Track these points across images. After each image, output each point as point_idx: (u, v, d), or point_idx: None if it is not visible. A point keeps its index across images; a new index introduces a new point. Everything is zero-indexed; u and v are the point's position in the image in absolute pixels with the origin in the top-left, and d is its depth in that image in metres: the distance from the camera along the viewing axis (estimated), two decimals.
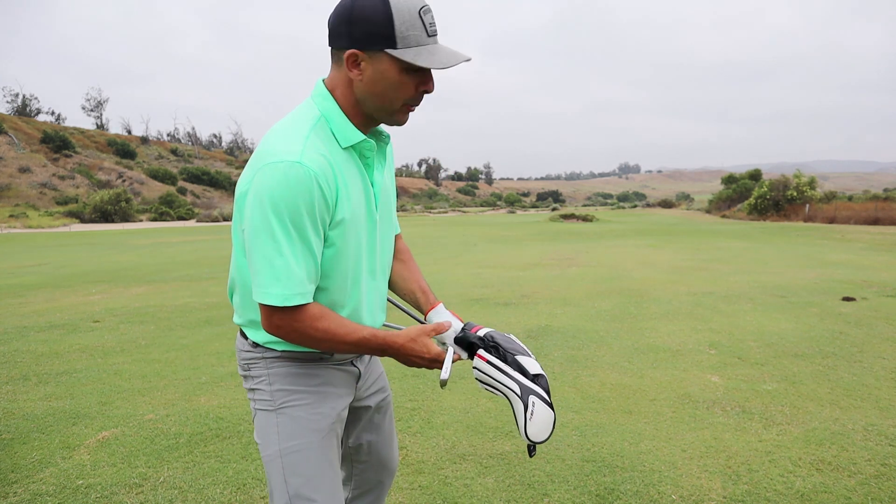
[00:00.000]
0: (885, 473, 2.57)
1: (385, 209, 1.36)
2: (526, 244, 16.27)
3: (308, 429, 1.28)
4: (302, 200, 1.10)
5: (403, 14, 1.09)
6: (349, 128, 1.22)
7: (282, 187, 1.09)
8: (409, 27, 1.10)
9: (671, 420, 3.22)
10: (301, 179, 1.10)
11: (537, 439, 1.24)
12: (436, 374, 4.06)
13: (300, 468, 1.26)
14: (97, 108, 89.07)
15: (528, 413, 1.22)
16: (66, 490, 2.49)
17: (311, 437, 1.28)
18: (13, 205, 41.61)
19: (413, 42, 1.11)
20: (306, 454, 1.27)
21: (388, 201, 1.38)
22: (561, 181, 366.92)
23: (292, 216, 1.10)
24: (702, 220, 33.83)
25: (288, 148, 1.12)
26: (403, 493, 2.46)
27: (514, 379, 1.25)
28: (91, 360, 4.53)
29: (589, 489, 2.47)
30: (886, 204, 29.96)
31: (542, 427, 1.23)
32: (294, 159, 1.10)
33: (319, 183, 1.12)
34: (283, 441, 1.28)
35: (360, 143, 1.23)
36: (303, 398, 1.30)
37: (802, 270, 9.38)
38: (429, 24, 1.12)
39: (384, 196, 1.35)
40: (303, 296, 1.14)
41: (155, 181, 58.37)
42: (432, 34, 1.14)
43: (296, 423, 1.28)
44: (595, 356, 4.49)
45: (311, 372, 1.33)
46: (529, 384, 1.25)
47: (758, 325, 5.48)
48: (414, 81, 1.17)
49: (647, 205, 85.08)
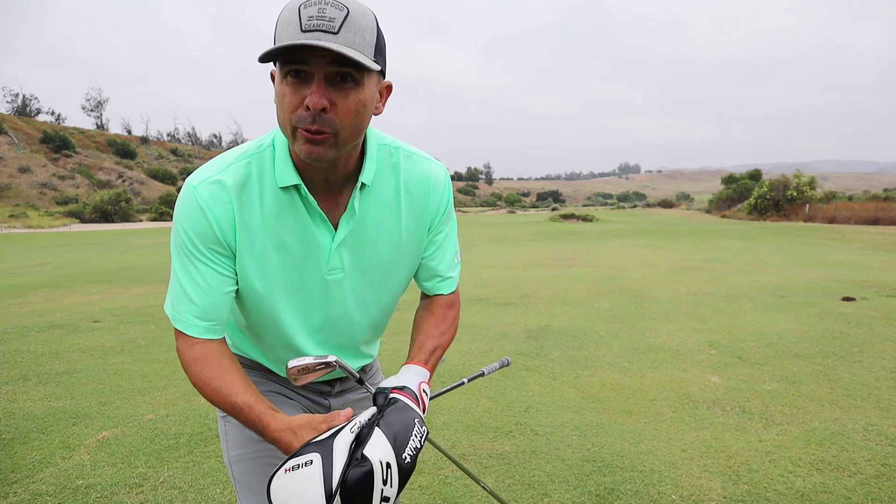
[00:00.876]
0: (885, 473, 2.57)
1: (365, 263, 1.17)
2: (526, 244, 16.28)
3: (251, 438, 1.22)
4: (189, 228, 1.03)
5: (285, 13, 0.92)
6: (286, 166, 1.05)
7: (177, 211, 1.06)
8: (285, 25, 0.91)
9: (671, 420, 3.22)
10: (188, 206, 1.03)
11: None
12: (435, 370, 4.05)
13: (246, 478, 1.23)
14: (97, 108, 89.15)
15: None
16: (66, 490, 2.49)
17: (255, 447, 1.22)
18: (13, 205, 41.62)
19: (283, 40, 0.89)
20: (252, 464, 1.22)
21: (375, 254, 1.17)
22: (561, 181, 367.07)
23: (182, 242, 1.05)
24: (702, 220, 33.84)
25: (203, 170, 1.06)
26: (403, 493, 2.46)
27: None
28: (91, 360, 4.53)
29: (589, 489, 2.47)
30: (886, 204, 29.97)
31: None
32: (193, 184, 1.04)
33: (205, 213, 1.02)
34: (231, 449, 1.25)
35: (297, 185, 1.06)
36: None
37: (802, 270, 9.38)
38: (306, 17, 0.89)
39: (365, 250, 1.15)
40: (185, 324, 1.07)
41: (155, 181, 58.39)
42: (309, 29, 0.88)
43: (238, 431, 1.24)
44: (595, 356, 4.49)
45: (257, 379, 1.28)
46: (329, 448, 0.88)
47: (758, 325, 5.47)
48: (295, 93, 0.93)
49: (647, 205, 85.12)
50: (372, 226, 1.15)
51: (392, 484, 0.88)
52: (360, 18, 0.91)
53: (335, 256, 1.12)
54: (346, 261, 1.14)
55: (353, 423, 0.91)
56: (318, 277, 1.13)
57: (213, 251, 1.05)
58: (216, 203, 1.03)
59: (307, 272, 1.12)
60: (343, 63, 0.91)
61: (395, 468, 0.89)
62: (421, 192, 1.18)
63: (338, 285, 1.16)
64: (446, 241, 1.27)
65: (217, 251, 1.05)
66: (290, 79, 0.93)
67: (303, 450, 0.87)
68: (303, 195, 1.06)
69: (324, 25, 0.88)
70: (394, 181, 1.15)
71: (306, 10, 0.89)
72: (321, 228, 1.10)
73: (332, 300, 1.17)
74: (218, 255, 1.05)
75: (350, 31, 0.90)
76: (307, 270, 1.12)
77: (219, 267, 1.06)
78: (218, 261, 1.06)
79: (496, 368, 1.50)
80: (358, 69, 0.93)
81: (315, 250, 1.11)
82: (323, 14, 0.89)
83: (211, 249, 1.04)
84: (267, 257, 1.08)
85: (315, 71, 0.91)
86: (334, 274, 1.14)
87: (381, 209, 1.15)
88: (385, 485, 0.87)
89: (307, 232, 1.09)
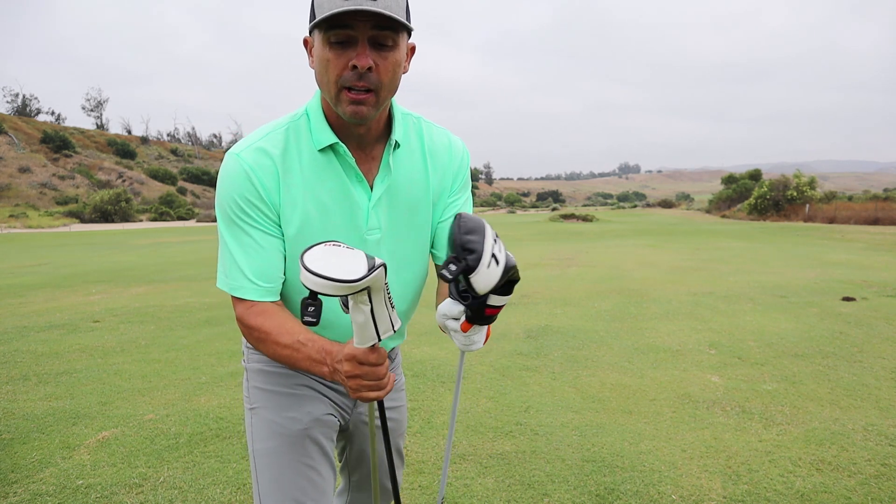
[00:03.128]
0: (885, 473, 2.57)
1: (400, 223, 1.22)
2: (526, 244, 16.27)
3: (277, 432, 1.24)
4: (236, 194, 1.08)
5: None
6: (322, 128, 1.13)
7: (221, 181, 1.11)
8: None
9: (671, 420, 3.22)
10: (233, 172, 1.09)
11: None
12: (436, 372, 4.05)
13: (269, 471, 1.24)
14: (97, 108, 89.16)
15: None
16: (66, 490, 2.49)
17: (280, 441, 1.24)
18: (13, 205, 41.63)
19: (326, 8, 0.97)
20: (276, 458, 1.24)
21: (408, 215, 1.23)
22: (561, 181, 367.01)
23: (229, 210, 1.10)
24: (702, 220, 33.84)
25: (243, 141, 1.12)
26: (403, 493, 2.46)
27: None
28: (91, 360, 4.53)
29: (589, 489, 2.47)
30: (886, 204, 29.96)
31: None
32: (235, 152, 1.10)
33: (251, 177, 1.08)
34: (256, 442, 1.26)
35: (333, 145, 1.13)
36: (275, 399, 1.27)
37: (802, 270, 9.38)
38: None
39: (399, 210, 1.21)
40: (243, 290, 1.11)
41: (155, 181, 58.41)
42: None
43: (266, 425, 1.26)
44: (595, 356, 4.49)
45: (287, 372, 1.29)
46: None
47: (758, 325, 5.47)
48: (340, 56, 1.01)
49: (647, 205, 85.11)
50: (404, 185, 1.21)
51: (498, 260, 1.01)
52: None
53: (373, 216, 1.18)
54: (383, 220, 1.20)
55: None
56: (358, 237, 1.18)
57: (260, 213, 1.10)
58: (260, 167, 1.09)
59: (347, 232, 1.17)
60: (384, 26, 1.00)
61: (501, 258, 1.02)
62: (444, 155, 1.27)
63: (376, 245, 1.20)
64: (465, 206, 1.33)
65: (264, 213, 1.10)
66: (333, 44, 1.01)
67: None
68: (341, 153, 1.13)
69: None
70: (419, 144, 1.24)
71: None
72: (358, 188, 1.16)
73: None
74: (265, 217, 1.11)
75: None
76: (347, 230, 1.17)
77: (268, 227, 1.11)
78: (266, 221, 1.11)
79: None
80: (395, 31, 1.02)
81: (354, 209, 1.16)
82: None
83: (258, 211, 1.10)
84: (308, 218, 1.13)
85: (359, 35, 1.00)
86: (373, 234, 1.20)
87: (411, 170, 1.22)
88: (495, 245, 1.02)
89: (345, 192, 1.15)
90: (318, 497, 1.24)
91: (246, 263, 1.10)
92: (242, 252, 1.10)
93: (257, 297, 1.11)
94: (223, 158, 1.12)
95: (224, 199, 1.10)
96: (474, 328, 1.12)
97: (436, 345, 4.86)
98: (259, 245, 1.10)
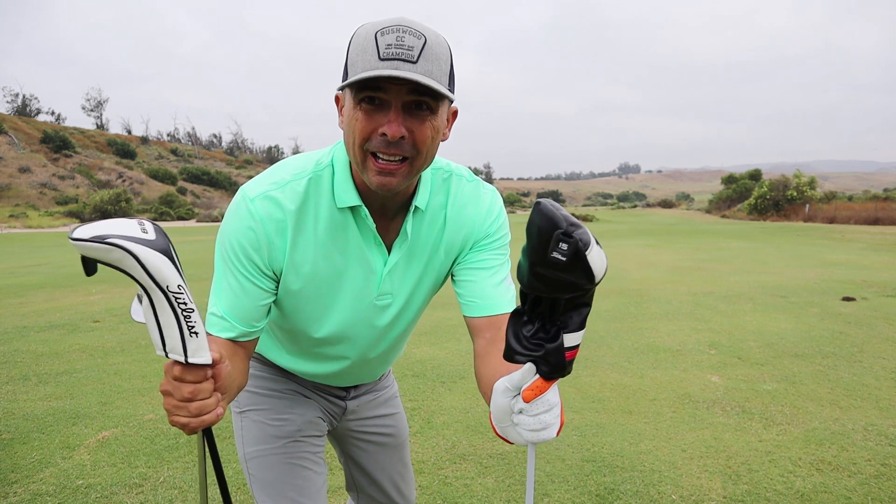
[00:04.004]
0: (885, 473, 2.57)
1: (412, 288, 1.16)
2: None
3: (270, 435, 1.25)
4: (235, 241, 1.02)
5: (359, 39, 0.90)
6: (346, 187, 1.04)
7: (227, 220, 1.05)
8: (360, 52, 0.89)
9: (671, 420, 3.22)
10: (241, 217, 1.02)
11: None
12: (436, 372, 4.05)
13: (262, 474, 1.24)
14: (97, 108, 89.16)
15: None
16: (66, 490, 2.49)
17: (273, 444, 1.25)
18: (13, 205, 41.62)
19: (360, 68, 0.88)
20: (269, 460, 1.24)
21: (422, 279, 1.16)
22: (561, 181, 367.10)
23: (227, 249, 1.04)
24: (702, 220, 33.84)
25: (259, 183, 1.05)
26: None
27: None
28: (91, 360, 4.53)
29: (589, 489, 2.47)
30: (886, 204, 29.96)
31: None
32: (249, 196, 1.02)
33: (256, 231, 1.01)
34: (247, 446, 1.27)
35: (355, 207, 1.04)
36: (266, 402, 1.28)
37: (802, 270, 9.38)
38: (384, 45, 0.87)
39: (413, 275, 1.14)
40: (209, 323, 1.05)
41: (155, 181, 58.38)
42: (387, 57, 0.87)
43: (258, 428, 1.27)
44: (595, 356, 4.49)
45: (277, 377, 1.31)
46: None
47: (758, 325, 5.47)
48: (370, 120, 0.92)
49: (647, 205, 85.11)
50: (421, 250, 1.13)
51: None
52: (436, 46, 0.90)
53: (386, 282, 1.12)
54: (395, 286, 1.13)
55: None
56: (368, 302, 1.13)
57: (254, 266, 1.04)
58: (271, 220, 1.02)
59: (356, 294, 1.11)
60: (421, 92, 0.90)
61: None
62: (465, 215, 1.14)
63: (384, 309, 1.15)
64: (494, 272, 1.13)
65: (258, 268, 1.04)
66: (364, 105, 0.91)
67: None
68: (362, 216, 1.05)
69: (403, 54, 0.87)
70: (443, 204, 1.13)
71: (384, 38, 0.88)
72: (374, 252, 1.09)
73: (375, 321, 1.17)
74: (258, 271, 1.04)
75: (428, 60, 0.89)
76: (356, 293, 1.11)
77: (258, 280, 1.04)
78: (258, 275, 1.04)
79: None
80: (434, 98, 0.92)
81: (367, 274, 1.10)
82: (402, 43, 0.87)
83: (253, 265, 1.03)
84: (317, 277, 1.07)
85: (393, 99, 0.90)
86: (384, 300, 1.14)
87: (431, 232, 1.13)
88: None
89: (361, 255, 1.08)
90: (315, 494, 1.26)
91: (225, 302, 1.04)
92: (226, 291, 1.04)
93: (218, 332, 1.04)
94: (235, 195, 1.06)
95: (225, 237, 1.04)
96: (549, 391, 0.89)
97: (436, 345, 4.86)
98: (243, 292, 1.04)
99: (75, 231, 0.69)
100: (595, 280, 0.81)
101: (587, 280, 0.80)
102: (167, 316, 0.76)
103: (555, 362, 0.87)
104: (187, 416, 0.82)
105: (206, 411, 0.83)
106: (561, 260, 0.78)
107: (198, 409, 0.82)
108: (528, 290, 0.85)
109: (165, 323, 0.77)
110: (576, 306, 0.86)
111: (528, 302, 0.87)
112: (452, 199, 1.14)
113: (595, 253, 0.79)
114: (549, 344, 0.86)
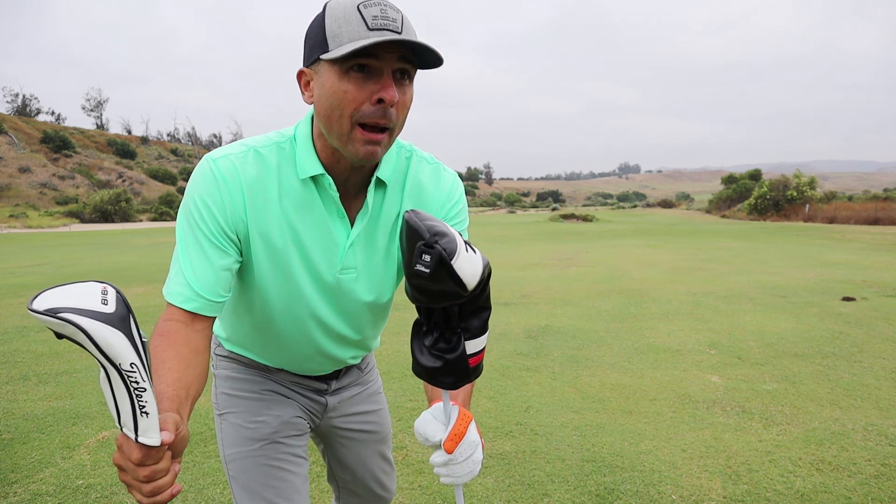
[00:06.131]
0: (885, 473, 2.57)
1: (376, 263, 1.17)
2: (526, 244, 16.28)
3: (246, 437, 1.25)
4: (198, 196, 1.01)
5: (336, 12, 0.93)
6: (308, 156, 1.05)
7: (191, 181, 1.05)
8: (342, 23, 0.91)
9: (671, 420, 3.22)
10: (204, 176, 1.02)
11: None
12: None
13: (241, 476, 1.24)
14: (97, 108, 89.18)
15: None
16: (66, 490, 2.49)
17: (250, 446, 1.25)
18: (13, 205, 41.62)
19: (346, 38, 0.90)
20: (246, 462, 1.24)
21: (385, 254, 1.17)
22: (561, 181, 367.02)
23: (189, 211, 1.02)
24: (702, 220, 33.84)
25: (223, 149, 1.06)
26: (403, 494, 2.46)
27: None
28: (91, 360, 4.52)
29: (589, 489, 2.47)
30: (886, 204, 29.95)
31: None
32: (212, 157, 1.04)
33: (220, 186, 1.02)
34: (227, 448, 1.27)
35: (317, 176, 1.06)
36: (242, 405, 1.28)
37: (802, 270, 9.38)
38: (371, 17, 0.90)
39: (375, 249, 1.15)
40: (171, 293, 1.01)
41: (155, 181, 58.40)
42: (376, 27, 0.90)
43: (235, 430, 1.26)
44: (595, 356, 4.49)
45: (255, 378, 1.30)
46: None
47: (758, 325, 5.48)
48: (361, 88, 0.94)
49: (647, 205, 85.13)
50: (383, 224, 1.15)
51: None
52: (409, 22, 0.96)
53: (349, 255, 1.13)
54: (359, 260, 1.14)
55: None
56: (331, 275, 1.13)
57: (217, 224, 1.02)
58: (234, 179, 1.03)
59: (320, 267, 1.12)
60: (407, 60, 0.94)
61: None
62: (430, 189, 1.17)
63: (352, 284, 1.16)
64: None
65: (221, 226, 1.03)
66: (354, 73, 0.93)
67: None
68: (325, 186, 1.07)
69: (389, 25, 0.91)
70: (402, 181, 1.16)
71: (368, 10, 0.91)
72: (337, 224, 1.10)
73: (343, 297, 1.17)
74: (220, 230, 1.03)
75: (408, 31, 0.94)
76: (320, 266, 1.12)
77: (220, 241, 1.03)
78: (220, 234, 1.03)
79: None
80: (414, 67, 0.97)
81: (330, 246, 1.11)
82: (386, 14, 0.92)
83: (216, 221, 1.02)
84: (280, 249, 1.08)
85: (384, 66, 0.93)
86: (347, 273, 1.14)
87: (391, 207, 1.15)
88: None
89: (323, 227, 1.09)
90: (293, 495, 1.25)
91: (189, 267, 1.01)
92: (188, 256, 1.02)
93: (179, 302, 1.00)
94: (199, 161, 1.07)
95: (188, 198, 1.03)
96: (468, 432, 0.93)
97: None
98: (206, 255, 1.02)
99: (33, 301, 0.67)
100: (467, 287, 0.81)
101: (459, 287, 0.81)
102: (121, 391, 0.74)
103: (459, 371, 0.88)
104: (140, 495, 0.78)
105: (161, 491, 0.79)
106: (424, 271, 0.80)
107: (151, 490, 0.78)
108: (413, 302, 0.86)
109: (120, 397, 0.75)
110: (474, 311, 0.87)
111: (421, 313, 0.88)
112: (412, 177, 1.16)
113: (463, 260, 0.80)
114: (448, 355, 0.86)
